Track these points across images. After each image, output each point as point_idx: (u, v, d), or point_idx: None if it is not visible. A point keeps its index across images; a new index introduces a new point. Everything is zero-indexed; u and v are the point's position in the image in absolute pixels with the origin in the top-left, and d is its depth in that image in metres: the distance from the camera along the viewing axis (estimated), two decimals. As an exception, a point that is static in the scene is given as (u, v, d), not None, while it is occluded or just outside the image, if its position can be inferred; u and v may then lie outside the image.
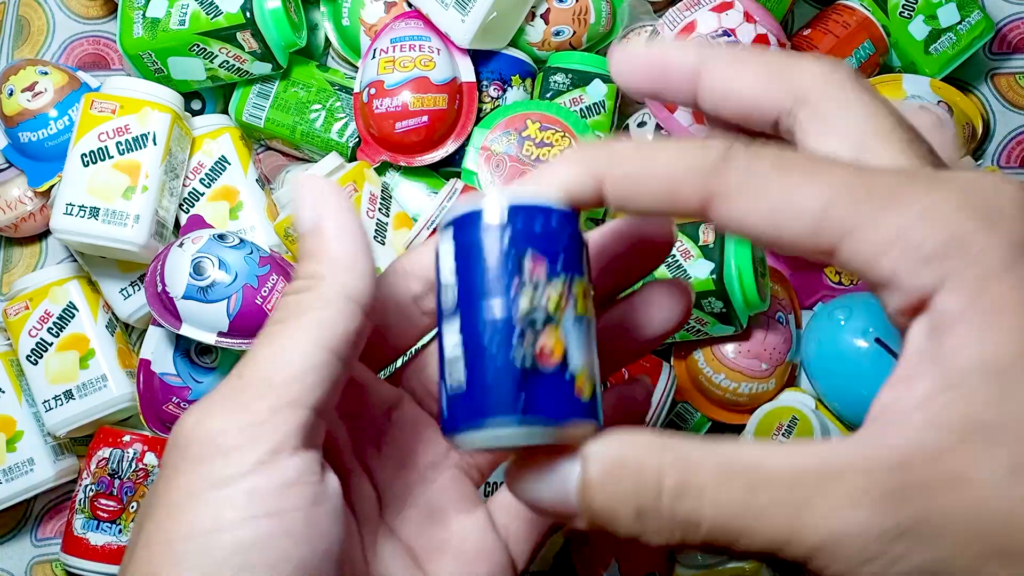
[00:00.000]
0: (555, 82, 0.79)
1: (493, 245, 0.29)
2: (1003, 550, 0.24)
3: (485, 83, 0.78)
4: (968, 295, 0.25)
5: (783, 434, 0.75)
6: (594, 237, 0.35)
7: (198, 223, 0.76)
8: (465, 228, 0.29)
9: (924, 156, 0.29)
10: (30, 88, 0.77)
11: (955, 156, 0.32)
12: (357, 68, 0.79)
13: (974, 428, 0.24)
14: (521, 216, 0.29)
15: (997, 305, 0.25)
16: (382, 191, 0.75)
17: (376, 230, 0.73)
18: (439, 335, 0.29)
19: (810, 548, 0.24)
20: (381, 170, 0.79)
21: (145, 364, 0.76)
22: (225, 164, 0.79)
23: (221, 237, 0.71)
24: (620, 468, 0.26)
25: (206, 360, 0.77)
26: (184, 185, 0.78)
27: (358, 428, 0.36)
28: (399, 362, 0.51)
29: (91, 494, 0.76)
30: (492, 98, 0.79)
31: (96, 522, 0.75)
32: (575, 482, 0.27)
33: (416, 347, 0.38)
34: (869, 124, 0.29)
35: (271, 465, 0.28)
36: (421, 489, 0.37)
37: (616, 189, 0.29)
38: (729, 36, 0.71)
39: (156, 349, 0.76)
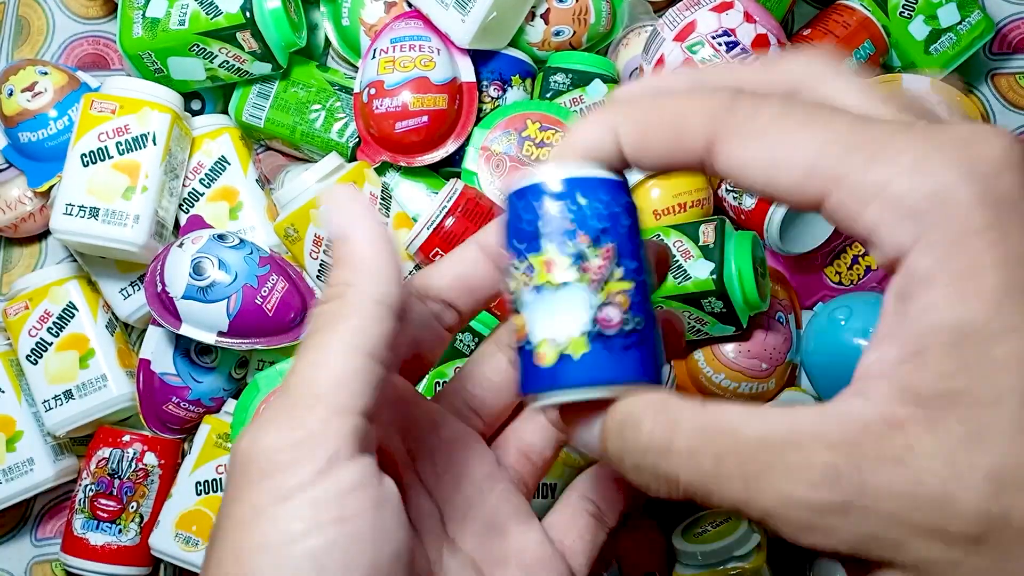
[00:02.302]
0: (555, 82, 0.79)
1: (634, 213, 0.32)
2: (929, 529, 0.24)
3: (485, 83, 0.78)
4: (940, 255, 0.25)
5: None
6: None
7: (198, 223, 0.76)
8: (618, 190, 0.31)
9: (924, 115, 0.29)
10: (30, 88, 0.77)
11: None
12: (357, 68, 0.79)
13: (930, 398, 0.25)
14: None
15: (967, 268, 0.25)
16: (382, 191, 0.75)
17: (376, 230, 0.73)
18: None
19: (761, 513, 0.26)
20: (381, 170, 0.79)
21: (145, 364, 0.76)
22: (225, 164, 0.79)
23: (221, 237, 0.71)
24: (624, 424, 0.29)
25: (206, 360, 0.77)
26: (184, 185, 0.78)
27: (413, 445, 0.37)
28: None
29: (91, 494, 0.76)
30: (492, 98, 0.79)
31: (96, 522, 0.75)
32: (597, 432, 0.30)
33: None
34: (865, 95, 0.29)
35: (330, 473, 0.29)
36: (479, 503, 0.37)
37: (629, 137, 0.30)
38: (729, 36, 0.71)
39: (156, 349, 0.76)
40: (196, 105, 0.82)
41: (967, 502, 0.24)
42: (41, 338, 0.76)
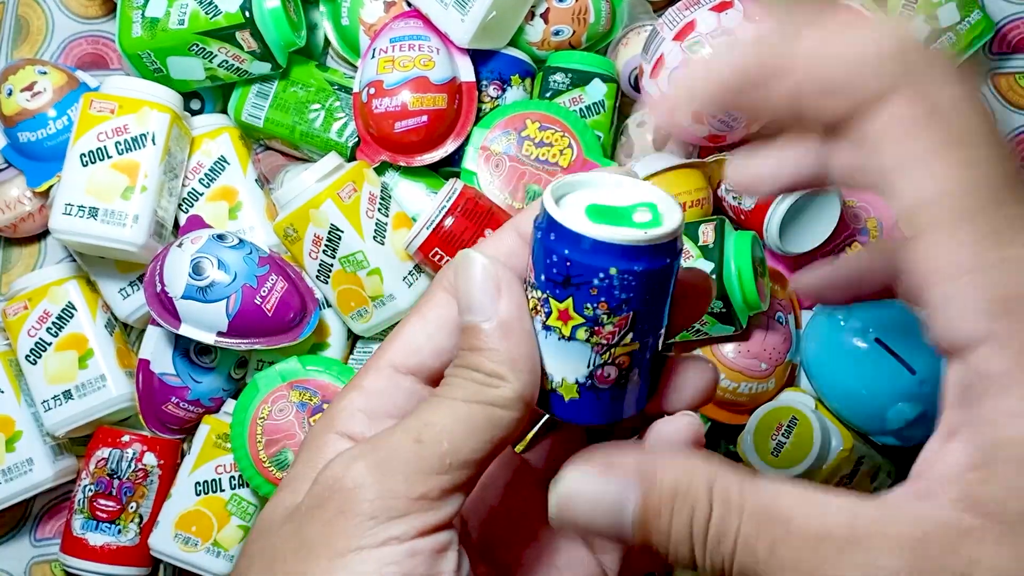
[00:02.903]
0: (554, 82, 0.78)
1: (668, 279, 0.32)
2: None
3: (484, 83, 0.78)
4: (1015, 358, 0.24)
5: (783, 434, 0.75)
6: None
7: (197, 223, 0.76)
8: (657, 254, 0.31)
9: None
10: (29, 88, 0.77)
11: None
12: (356, 68, 0.79)
13: (999, 513, 0.24)
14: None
15: None
16: (381, 191, 0.75)
17: (375, 230, 0.73)
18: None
19: None
20: (380, 170, 0.78)
21: (144, 364, 0.76)
22: (224, 164, 0.79)
23: (220, 237, 0.71)
24: (676, 499, 0.27)
25: (205, 360, 0.76)
26: (183, 185, 0.78)
27: None
28: None
29: (90, 494, 0.75)
30: (491, 98, 0.79)
31: (95, 522, 0.75)
32: (631, 510, 0.28)
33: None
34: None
35: (432, 533, 0.30)
36: (504, 508, 0.37)
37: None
38: (729, 36, 0.71)
39: (155, 349, 0.76)
40: (195, 105, 0.82)
41: None
42: (40, 338, 0.76)
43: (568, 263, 0.30)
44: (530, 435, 0.40)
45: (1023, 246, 0.25)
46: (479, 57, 0.78)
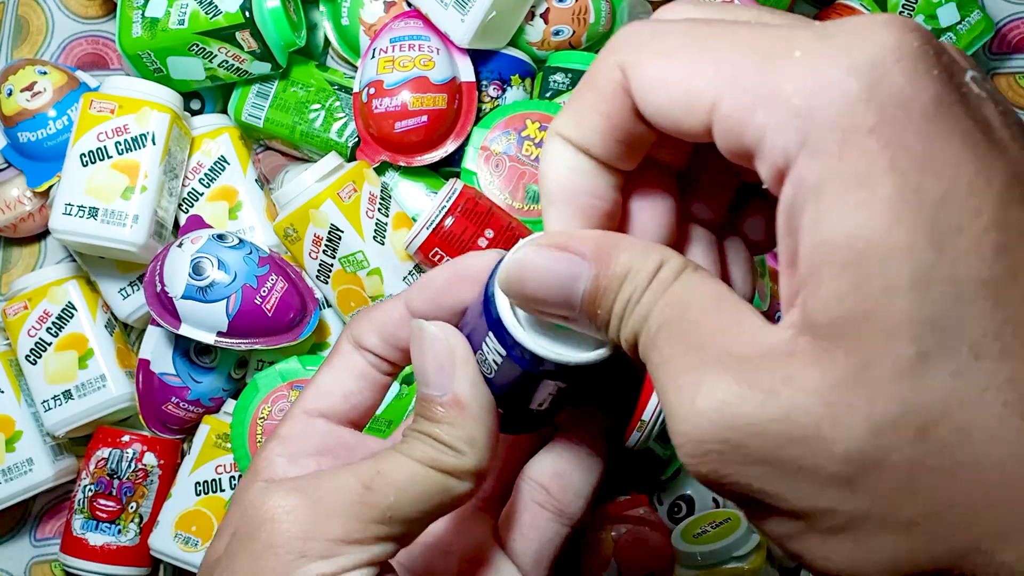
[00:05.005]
0: (554, 82, 0.79)
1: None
2: (797, 469, 0.22)
3: (484, 83, 0.78)
4: (829, 159, 0.22)
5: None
6: None
7: (197, 223, 0.76)
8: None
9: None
10: (29, 88, 0.77)
11: None
12: (356, 68, 0.79)
13: (823, 326, 0.22)
14: None
15: (860, 173, 0.22)
16: (381, 191, 0.75)
17: (375, 230, 0.73)
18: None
19: (664, 411, 0.25)
20: (380, 170, 0.78)
21: (144, 364, 0.76)
22: (224, 164, 0.79)
23: (220, 237, 0.71)
24: (625, 280, 0.27)
25: (205, 360, 0.76)
26: (183, 185, 0.78)
27: None
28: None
29: (90, 494, 0.75)
30: (491, 98, 0.79)
31: (95, 522, 0.75)
32: (582, 288, 0.27)
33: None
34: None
35: (360, 568, 0.30)
36: (447, 539, 0.37)
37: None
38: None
39: (155, 349, 0.76)
40: (195, 105, 0.82)
41: (838, 443, 0.22)
42: (40, 338, 0.76)
43: (514, 361, 0.30)
44: None
45: (813, 40, 0.23)
46: (479, 57, 0.78)
